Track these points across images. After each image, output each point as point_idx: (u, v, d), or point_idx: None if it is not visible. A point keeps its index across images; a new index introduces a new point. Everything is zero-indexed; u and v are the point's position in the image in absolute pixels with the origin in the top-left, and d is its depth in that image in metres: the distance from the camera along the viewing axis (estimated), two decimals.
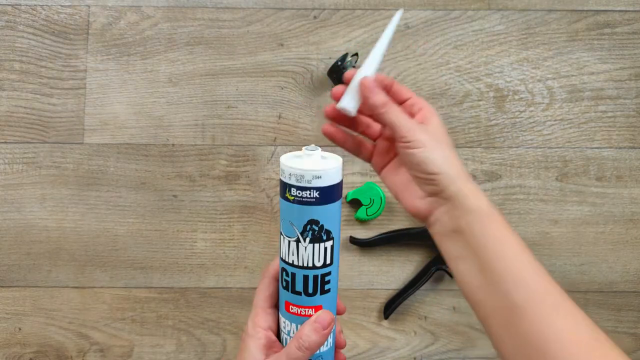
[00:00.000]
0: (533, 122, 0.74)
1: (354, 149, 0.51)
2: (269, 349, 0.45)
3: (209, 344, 0.72)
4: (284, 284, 0.43)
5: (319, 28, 0.75)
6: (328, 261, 0.43)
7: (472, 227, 0.42)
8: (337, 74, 0.71)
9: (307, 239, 0.41)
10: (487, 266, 0.41)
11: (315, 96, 0.74)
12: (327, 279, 0.43)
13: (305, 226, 0.41)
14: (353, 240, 0.71)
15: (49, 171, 0.73)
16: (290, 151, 0.73)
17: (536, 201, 0.73)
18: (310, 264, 0.42)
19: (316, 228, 0.41)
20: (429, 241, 0.71)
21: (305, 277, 0.42)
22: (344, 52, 0.73)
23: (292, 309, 0.44)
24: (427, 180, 0.44)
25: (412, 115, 0.47)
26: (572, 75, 0.75)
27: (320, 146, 0.44)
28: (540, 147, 0.74)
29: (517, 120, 0.74)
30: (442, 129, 0.46)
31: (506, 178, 0.74)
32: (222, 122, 0.74)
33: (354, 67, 0.71)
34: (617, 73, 0.75)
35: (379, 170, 0.51)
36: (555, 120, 0.74)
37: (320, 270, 0.43)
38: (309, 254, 0.42)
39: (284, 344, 0.45)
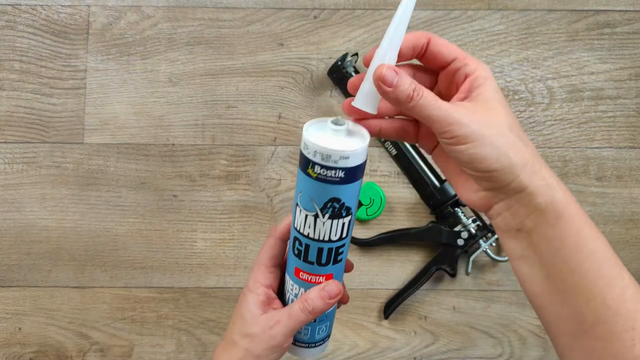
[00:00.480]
0: (533, 122, 0.74)
1: (395, 135, 0.41)
2: (267, 305, 0.45)
3: (209, 344, 0.72)
4: (296, 252, 0.42)
5: (319, 28, 0.75)
6: (344, 235, 0.41)
7: (540, 229, 0.35)
8: (337, 74, 0.71)
9: (327, 215, 0.39)
10: (555, 276, 0.36)
11: (315, 96, 0.74)
12: (340, 250, 0.43)
13: (326, 203, 0.39)
14: (353, 241, 0.71)
15: (49, 171, 0.73)
16: (290, 151, 0.73)
17: None
18: (327, 238, 0.41)
19: (337, 206, 0.39)
20: (429, 241, 0.71)
21: (320, 249, 0.41)
22: (344, 52, 0.73)
23: (302, 275, 0.44)
24: (482, 177, 0.36)
25: (456, 87, 0.37)
26: (572, 75, 0.75)
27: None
28: (540, 147, 0.74)
29: (517, 120, 0.74)
30: (495, 101, 0.36)
31: None
32: (222, 122, 0.74)
33: (354, 67, 0.71)
34: (617, 73, 0.75)
35: (429, 152, 0.42)
36: (555, 120, 0.74)
37: (336, 243, 0.42)
38: (327, 228, 0.40)
39: (288, 303, 0.46)
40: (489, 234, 0.69)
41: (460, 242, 0.69)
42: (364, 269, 0.73)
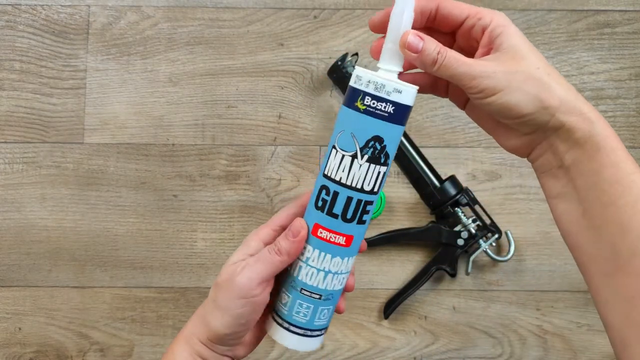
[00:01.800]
0: None
1: (427, 89, 0.41)
2: None
3: None
4: (320, 203, 0.40)
5: (319, 28, 0.75)
6: (376, 188, 0.40)
7: (580, 163, 0.35)
8: (337, 74, 0.71)
9: (366, 156, 0.38)
10: (591, 210, 0.35)
11: (315, 96, 0.74)
12: (368, 208, 0.40)
13: (368, 141, 0.38)
14: None
15: (49, 171, 0.73)
16: (290, 151, 0.73)
17: (536, 201, 0.73)
18: (359, 186, 0.39)
19: (378, 147, 0.38)
20: (429, 241, 0.71)
21: (349, 199, 0.39)
22: (344, 52, 0.73)
23: (320, 232, 0.41)
24: (518, 123, 0.36)
25: (476, 42, 0.37)
26: (572, 75, 0.75)
27: (319, 145, 0.43)
28: None
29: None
30: (518, 47, 0.35)
31: (506, 178, 0.74)
32: (222, 122, 0.74)
33: (354, 67, 0.71)
34: (617, 73, 0.75)
35: (461, 107, 0.42)
36: None
37: (367, 195, 0.40)
38: (362, 173, 0.39)
39: (297, 270, 0.42)
40: (489, 234, 0.69)
41: (460, 242, 0.69)
42: (364, 269, 0.73)
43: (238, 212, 0.73)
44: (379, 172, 0.39)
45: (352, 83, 0.38)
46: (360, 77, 0.38)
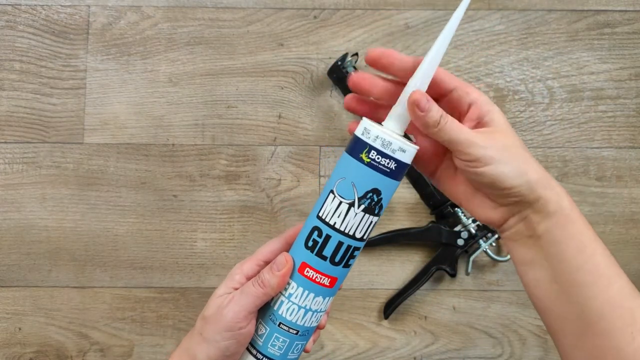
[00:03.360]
0: (533, 122, 0.74)
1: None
2: None
3: None
4: (311, 243, 0.42)
5: (319, 28, 0.75)
6: (366, 236, 0.42)
7: (551, 232, 0.38)
8: (337, 74, 0.71)
9: (363, 206, 0.40)
10: (560, 276, 0.38)
11: (315, 96, 0.74)
12: (355, 253, 0.42)
13: (367, 192, 0.40)
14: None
15: (49, 171, 0.73)
16: (290, 151, 0.73)
17: None
18: (352, 233, 0.41)
19: (375, 199, 0.40)
20: (429, 241, 0.71)
21: (340, 244, 0.41)
22: (344, 52, 0.73)
23: (307, 271, 0.42)
24: (502, 195, 0.38)
25: (460, 114, 0.40)
26: (572, 75, 0.75)
27: (319, 145, 0.43)
28: (540, 147, 0.74)
29: (517, 120, 0.74)
30: (506, 126, 0.39)
31: None
32: (222, 122, 0.74)
33: (354, 67, 0.71)
34: (617, 73, 0.75)
35: (429, 175, 0.44)
36: (555, 120, 0.74)
37: (357, 242, 0.42)
38: (357, 221, 0.41)
39: (277, 304, 0.43)
40: (489, 234, 0.70)
41: (460, 242, 0.69)
42: (363, 269, 0.73)
43: (238, 212, 0.73)
44: (371, 222, 0.41)
45: (359, 134, 0.40)
46: (369, 131, 0.39)
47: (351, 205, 0.40)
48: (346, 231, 0.41)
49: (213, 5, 0.75)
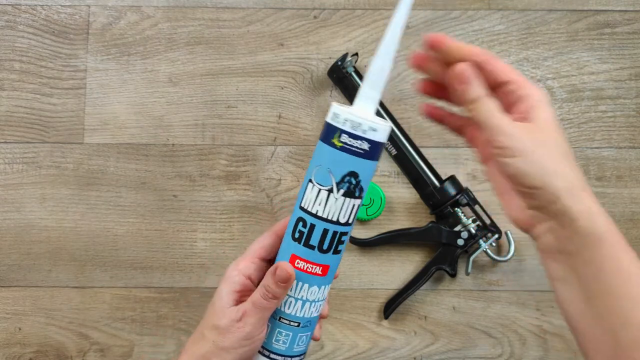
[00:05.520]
0: None
1: (455, 129, 0.43)
2: (242, 295, 0.44)
3: None
4: (297, 235, 0.42)
5: (319, 28, 0.75)
6: (350, 220, 0.41)
7: (581, 252, 0.36)
8: (337, 73, 0.71)
9: (342, 191, 0.40)
10: (593, 299, 0.36)
11: (315, 96, 0.74)
12: (343, 238, 0.42)
13: (344, 177, 0.40)
14: (353, 241, 0.71)
15: (49, 171, 0.73)
16: (290, 151, 0.73)
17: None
18: (335, 219, 0.41)
19: (354, 182, 0.40)
20: (429, 241, 0.71)
21: (325, 231, 0.41)
22: (344, 52, 0.73)
23: (298, 263, 0.42)
24: (526, 194, 0.37)
25: (510, 105, 0.38)
26: (572, 75, 0.75)
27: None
28: None
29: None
30: (551, 124, 0.37)
31: None
32: (222, 122, 0.74)
33: (354, 67, 0.71)
34: (617, 73, 0.75)
35: (482, 161, 0.42)
36: None
37: (342, 227, 0.41)
38: (338, 206, 0.40)
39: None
40: (489, 234, 0.69)
41: (460, 242, 0.69)
42: (364, 269, 0.73)
43: (238, 212, 0.73)
44: (353, 205, 0.41)
45: (329, 120, 0.40)
46: (338, 115, 0.39)
47: (330, 191, 0.40)
48: (329, 218, 0.41)
49: (213, 5, 0.75)
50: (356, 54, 0.72)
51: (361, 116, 0.38)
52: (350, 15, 0.75)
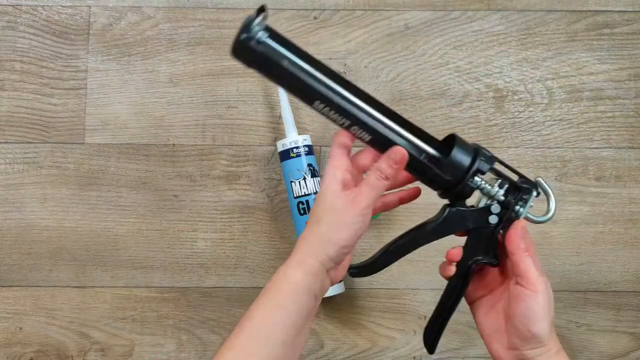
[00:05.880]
0: (532, 122, 0.74)
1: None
2: (347, 186, 0.47)
3: (210, 344, 0.72)
4: (302, 211, 0.69)
5: (319, 29, 0.75)
6: (318, 188, 0.67)
7: None
8: (247, 53, 0.48)
9: (309, 175, 0.69)
10: None
11: None
12: None
13: (307, 167, 0.69)
14: (353, 273, 0.53)
15: (50, 171, 0.73)
16: None
17: (535, 201, 0.73)
18: (314, 190, 0.69)
19: (312, 168, 0.70)
20: (452, 233, 0.55)
21: (313, 200, 0.68)
22: (343, 52, 0.73)
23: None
24: (520, 335, 0.48)
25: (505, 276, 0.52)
26: (571, 76, 0.75)
27: (319, 145, 0.43)
28: (540, 147, 0.74)
29: (517, 120, 0.74)
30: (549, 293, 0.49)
31: None
32: (222, 122, 0.74)
33: (268, 31, 0.46)
34: (616, 73, 0.75)
35: (470, 301, 0.53)
36: (554, 121, 0.74)
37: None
38: (313, 183, 0.69)
39: None
40: (524, 196, 0.52)
41: (493, 219, 0.51)
42: None
43: (238, 212, 0.73)
44: (317, 181, 0.70)
45: (280, 149, 0.70)
46: (285, 143, 0.70)
47: (304, 179, 0.69)
48: (313, 191, 0.69)
49: (213, 6, 0.75)
50: (262, 8, 0.46)
51: (296, 138, 0.70)
52: (350, 16, 0.75)
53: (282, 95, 0.70)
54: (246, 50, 0.46)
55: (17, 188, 0.73)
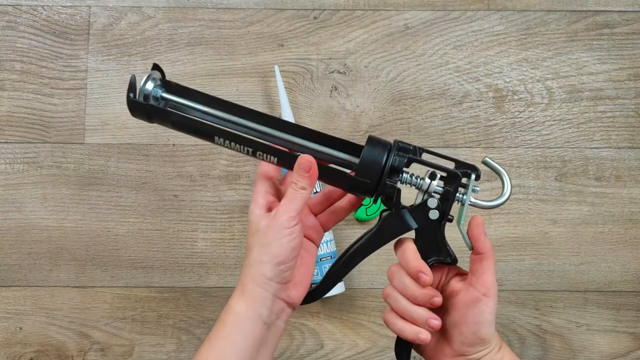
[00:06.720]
0: (532, 122, 0.74)
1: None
2: (272, 208, 0.47)
3: None
4: None
5: (319, 29, 0.75)
6: (318, 187, 0.67)
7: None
8: (140, 110, 0.49)
9: None
10: None
11: (315, 96, 0.74)
12: None
13: None
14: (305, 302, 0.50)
15: (50, 171, 0.73)
16: None
17: (535, 201, 0.74)
18: (314, 190, 0.66)
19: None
20: (395, 237, 0.52)
21: None
22: (343, 52, 0.73)
23: None
24: (467, 341, 0.47)
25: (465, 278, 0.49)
26: (571, 76, 0.75)
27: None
28: (540, 147, 0.74)
29: (516, 120, 0.74)
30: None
31: None
32: None
33: (161, 86, 0.51)
34: (616, 73, 0.75)
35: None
36: (554, 121, 0.74)
37: None
38: None
39: None
40: (463, 179, 0.47)
41: (433, 214, 0.46)
42: (363, 268, 0.73)
43: (238, 212, 0.73)
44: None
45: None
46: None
47: None
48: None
49: (213, 6, 0.75)
50: (157, 67, 0.51)
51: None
52: (350, 16, 0.75)
53: (282, 95, 0.70)
54: (137, 106, 0.48)
55: (17, 188, 0.73)
